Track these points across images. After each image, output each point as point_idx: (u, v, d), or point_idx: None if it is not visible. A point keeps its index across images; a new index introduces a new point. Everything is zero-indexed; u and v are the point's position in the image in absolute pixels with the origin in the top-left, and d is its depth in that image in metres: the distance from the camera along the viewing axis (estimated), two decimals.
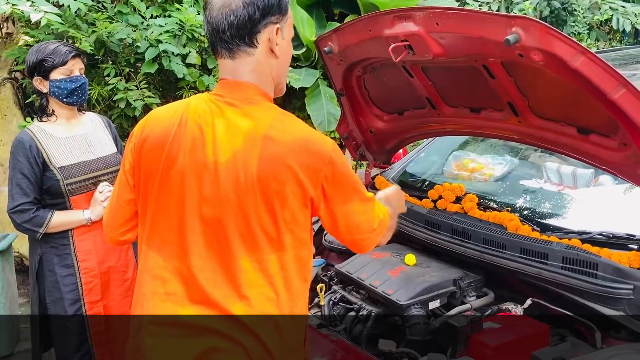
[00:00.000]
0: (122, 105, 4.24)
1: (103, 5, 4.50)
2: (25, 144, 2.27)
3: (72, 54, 2.31)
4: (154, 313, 1.40)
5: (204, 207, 1.37)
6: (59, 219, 2.30)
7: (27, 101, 4.44)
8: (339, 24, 2.50)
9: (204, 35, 4.22)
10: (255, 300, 1.35)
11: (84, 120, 2.48)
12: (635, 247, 1.85)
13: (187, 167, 1.38)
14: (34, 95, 3.94)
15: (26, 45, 4.32)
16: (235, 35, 1.38)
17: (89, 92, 2.39)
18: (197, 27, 4.40)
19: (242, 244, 1.35)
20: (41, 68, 2.28)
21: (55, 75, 2.29)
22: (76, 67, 2.33)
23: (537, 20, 1.55)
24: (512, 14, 1.52)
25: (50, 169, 2.29)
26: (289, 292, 1.39)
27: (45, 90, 2.32)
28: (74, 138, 2.39)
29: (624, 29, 6.67)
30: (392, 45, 1.94)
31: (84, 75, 2.37)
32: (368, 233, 1.51)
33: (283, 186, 1.34)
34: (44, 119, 2.37)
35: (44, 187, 2.30)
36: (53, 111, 2.37)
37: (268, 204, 1.34)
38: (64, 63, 2.29)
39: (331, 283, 2.39)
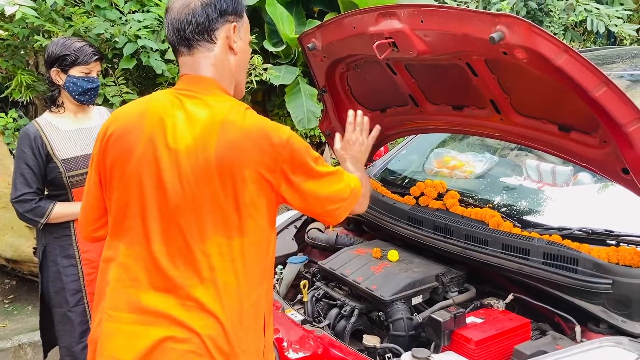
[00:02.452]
0: (99, 101, 4.16)
1: (80, 0, 4.42)
2: (31, 135, 2.35)
3: (96, 57, 2.42)
4: (116, 299, 1.44)
5: (165, 194, 1.41)
6: (59, 210, 2.37)
7: (1, 95, 4.34)
8: (319, 22, 2.50)
9: None
10: (217, 284, 1.39)
11: (92, 114, 2.55)
12: (614, 242, 1.89)
13: (146, 155, 1.43)
14: (12, 88, 3.88)
15: (0, 38, 4.23)
16: (194, 31, 1.47)
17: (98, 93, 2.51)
18: None
19: (202, 228, 1.39)
20: (63, 62, 2.37)
21: (74, 72, 2.38)
22: (95, 69, 2.44)
23: (522, 18, 1.57)
24: (495, 12, 1.52)
25: (54, 161, 2.36)
26: (248, 278, 1.43)
27: (60, 83, 2.40)
28: (79, 131, 2.46)
29: (597, 30, 6.78)
30: (377, 43, 1.95)
31: (99, 78, 2.48)
32: (340, 202, 1.56)
33: (240, 169, 1.39)
34: (53, 109, 2.45)
35: (47, 179, 2.38)
36: (62, 103, 2.45)
37: (226, 187, 1.39)
38: (86, 63, 2.38)
39: (314, 279, 2.40)
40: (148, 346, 1.36)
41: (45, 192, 2.43)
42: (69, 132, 2.43)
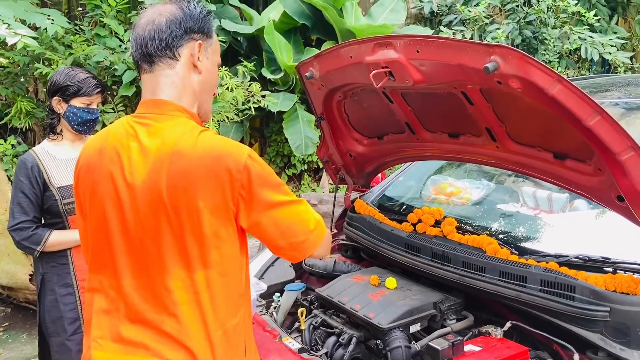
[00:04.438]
0: (98, 128, 4.19)
1: (80, 28, 4.48)
2: (28, 164, 2.38)
3: (98, 89, 2.47)
4: (101, 329, 1.45)
5: (128, 230, 1.41)
6: (56, 238, 2.38)
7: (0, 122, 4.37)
8: (318, 50, 2.54)
9: None
10: (183, 318, 1.38)
11: None
12: (611, 269, 1.89)
13: (108, 192, 1.43)
14: (12, 115, 3.91)
15: (1, 66, 4.27)
16: (157, 47, 1.44)
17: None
18: None
19: (163, 263, 1.39)
20: (65, 91, 2.41)
21: (75, 102, 2.42)
22: (95, 101, 2.48)
23: (515, 49, 1.60)
24: (490, 42, 1.55)
25: (50, 189, 2.39)
26: (218, 309, 1.41)
27: (60, 112, 2.44)
28: (75, 160, 2.43)
29: (592, 58, 6.88)
30: (373, 72, 1.98)
31: (99, 109, 2.51)
32: (305, 235, 1.47)
33: (193, 201, 1.35)
34: (52, 137, 2.49)
35: (44, 207, 2.40)
36: (61, 131, 2.49)
37: (181, 220, 1.36)
38: (88, 94, 2.42)
39: (312, 307, 2.38)
40: None
41: (42, 222, 2.45)
42: (65, 160, 2.46)
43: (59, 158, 2.45)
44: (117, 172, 1.42)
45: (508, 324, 2.00)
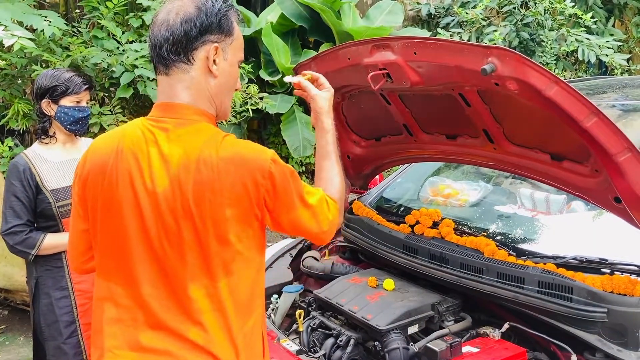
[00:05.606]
0: (95, 130, 4.19)
1: (78, 30, 4.48)
2: (20, 167, 2.35)
3: (86, 86, 2.43)
4: (117, 339, 1.40)
5: (149, 237, 1.37)
6: (50, 241, 2.35)
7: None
8: (315, 52, 2.54)
9: None
10: (208, 326, 1.36)
11: (80, 145, 2.55)
12: (608, 271, 1.90)
13: (126, 198, 1.38)
14: (9, 117, 3.90)
15: None
16: (170, 50, 1.38)
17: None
18: None
19: (188, 272, 1.36)
20: (53, 92, 2.38)
21: (65, 102, 2.39)
22: (84, 98, 2.45)
23: (513, 50, 1.60)
24: (487, 44, 1.56)
25: (43, 192, 2.36)
26: (240, 313, 1.40)
27: (51, 114, 2.41)
28: (68, 162, 2.45)
29: (588, 60, 6.89)
30: (371, 74, 1.98)
31: (89, 107, 2.48)
32: (318, 234, 1.52)
33: (222, 210, 1.34)
34: (44, 140, 2.45)
35: (37, 210, 2.37)
36: (54, 133, 2.45)
37: (208, 230, 1.34)
38: (76, 93, 2.40)
39: (310, 309, 2.38)
40: None
41: (35, 226, 2.41)
42: (57, 163, 2.43)
43: (51, 160, 2.42)
44: (137, 177, 1.37)
45: (506, 325, 2.00)
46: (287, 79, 1.78)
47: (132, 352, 1.38)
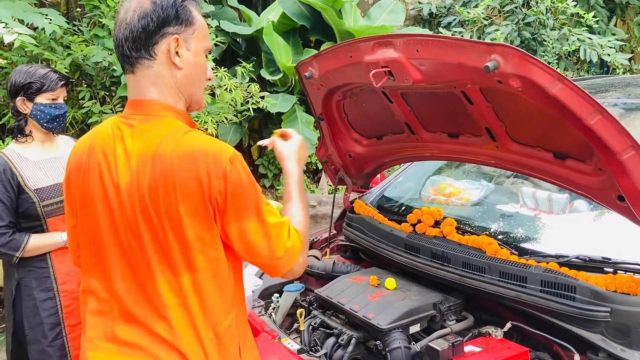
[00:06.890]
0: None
1: (79, 29, 4.47)
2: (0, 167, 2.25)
3: (62, 82, 2.35)
4: (96, 329, 1.45)
5: (117, 233, 1.40)
6: (35, 242, 2.28)
7: None
8: (316, 51, 2.53)
9: None
10: (173, 321, 1.38)
11: (58, 143, 2.49)
12: (611, 270, 1.88)
13: (97, 193, 1.42)
14: (9, 115, 3.89)
15: None
16: (132, 48, 1.39)
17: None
18: None
19: (154, 266, 1.38)
20: (28, 90, 2.29)
21: (41, 99, 2.31)
22: (61, 95, 2.37)
23: (516, 47, 1.59)
24: (490, 41, 1.55)
25: (26, 192, 2.28)
26: (206, 311, 1.40)
27: (27, 112, 2.33)
28: (48, 160, 2.39)
29: (590, 60, 6.89)
30: (373, 72, 1.97)
31: (65, 104, 2.40)
32: (270, 260, 1.42)
33: (175, 206, 1.33)
34: (20, 139, 2.37)
35: (19, 211, 2.28)
36: (30, 132, 2.37)
37: (163, 225, 1.35)
38: (52, 89, 2.31)
39: (311, 308, 2.37)
40: None
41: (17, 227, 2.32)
42: (38, 162, 2.35)
43: (30, 159, 2.34)
44: (105, 172, 1.41)
45: (508, 325, 1.99)
46: (260, 142, 1.84)
47: (109, 343, 1.43)
